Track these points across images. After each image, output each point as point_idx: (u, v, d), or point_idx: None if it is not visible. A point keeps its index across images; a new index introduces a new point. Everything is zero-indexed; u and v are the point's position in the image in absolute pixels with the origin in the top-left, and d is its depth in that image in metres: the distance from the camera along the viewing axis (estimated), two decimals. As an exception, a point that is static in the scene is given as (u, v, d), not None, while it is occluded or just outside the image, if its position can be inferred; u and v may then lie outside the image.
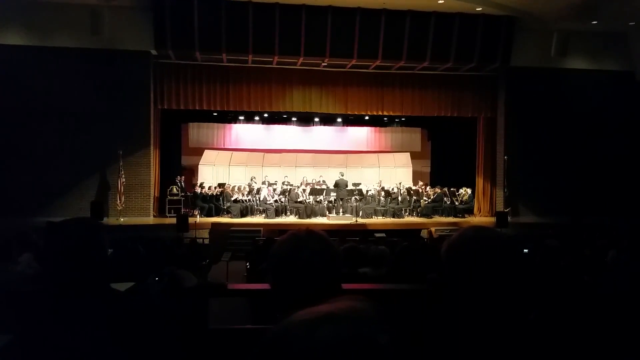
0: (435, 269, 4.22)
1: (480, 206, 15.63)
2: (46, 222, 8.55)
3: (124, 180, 13.02)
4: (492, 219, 13.79)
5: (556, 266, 4.48)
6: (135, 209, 13.40)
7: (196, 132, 17.16)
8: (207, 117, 16.29)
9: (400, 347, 0.67)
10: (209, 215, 13.93)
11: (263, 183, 15.34)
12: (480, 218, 15.10)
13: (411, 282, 3.82)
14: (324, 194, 14.78)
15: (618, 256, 4.36)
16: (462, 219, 14.58)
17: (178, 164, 15.98)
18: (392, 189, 15.37)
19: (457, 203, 15.20)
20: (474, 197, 15.51)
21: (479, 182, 15.75)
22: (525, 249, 6.45)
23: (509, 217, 13.14)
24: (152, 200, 13.78)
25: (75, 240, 1.62)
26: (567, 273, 3.96)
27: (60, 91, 12.75)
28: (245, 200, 14.51)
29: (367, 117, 16.49)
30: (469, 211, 15.29)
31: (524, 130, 14.67)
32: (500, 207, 14.63)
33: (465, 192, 15.36)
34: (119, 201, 13.03)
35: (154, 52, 13.39)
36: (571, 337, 1.80)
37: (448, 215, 14.76)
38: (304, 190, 14.89)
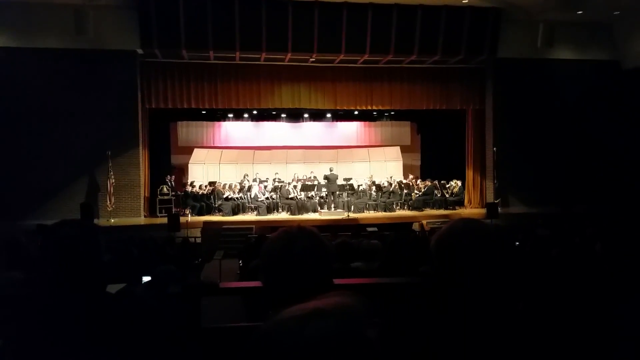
0: (428, 262, 4.24)
1: (471, 198, 15.74)
2: (36, 225, 8.51)
3: (113, 181, 12.92)
4: (483, 210, 13.89)
5: (546, 255, 4.52)
6: (125, 209, 13.32)
7: (185, 130, 17.06)
8: (195, 115, 16.19)
9: (388, 341, 0.67)
10: (200, 214, 13.88)
11: (254, 180, 15.29)
12: (470, 210, 15.20)
13: (404, 275, 3.83)
14: (315, 189, 14.79)
15: (604, 248, 4.39)
16: (453, 211, 14.67)
17: (168, 164, 15.89)
18: (383, 183, 15.41)
19: (447, 195, 15.29)
20: (464, 189, 15.61)
21: (469, 174, 15.85)
22: (516, 239, 6.50)
23: (499, 208, 13.23)
24: (142, 201, 13.69)
25: (70, 244, 1.55)
26: (558, 262, 4.00)
27: (46, 93, 12.60)
28: (237, 198, 14.47)
29: (356, 112, 16.49)
30: (460, 203, 15.39)
31: (513, 121, 14.76)
32: (490, 198, 14.74)
33: (455, 184, 15.45)
34: (109, 202, 12.95)
35: (140, 51, 13.26)
36: (560, 326, 1.82)
37: (439, 208, 14.85)
38: (295, 187, 14.89)
